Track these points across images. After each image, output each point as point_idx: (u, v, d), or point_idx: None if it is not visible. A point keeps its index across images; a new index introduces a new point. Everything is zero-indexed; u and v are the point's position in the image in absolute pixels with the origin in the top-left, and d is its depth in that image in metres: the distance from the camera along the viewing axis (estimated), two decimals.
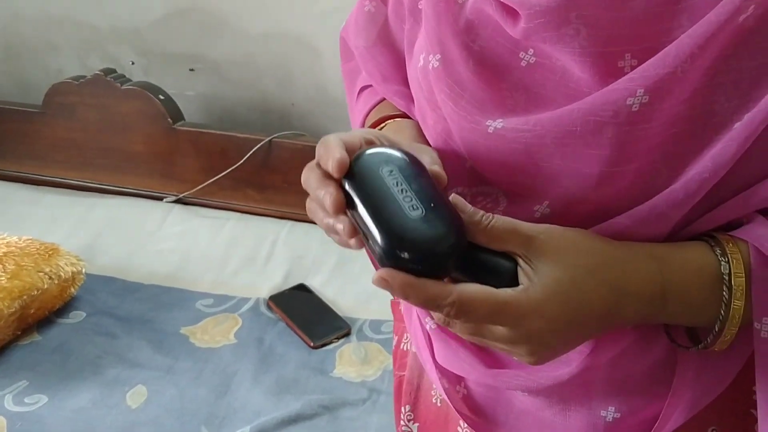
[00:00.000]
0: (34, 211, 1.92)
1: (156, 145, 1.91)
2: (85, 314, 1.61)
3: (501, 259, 0.49)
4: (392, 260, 0.47)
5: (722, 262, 0.49)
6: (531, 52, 0.53)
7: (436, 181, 0.50)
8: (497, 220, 0.49)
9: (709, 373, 0.54)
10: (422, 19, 0.60)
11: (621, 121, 0.49)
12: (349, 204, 0.49)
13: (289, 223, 1.85)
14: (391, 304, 0.82)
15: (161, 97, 1.88)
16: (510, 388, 0.60)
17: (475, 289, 0.47)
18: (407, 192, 0.48)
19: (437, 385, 0.66)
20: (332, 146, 0.50)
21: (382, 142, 0.55)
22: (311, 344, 1.52)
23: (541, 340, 0.49)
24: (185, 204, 1.93)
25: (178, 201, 1.94)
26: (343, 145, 0.50)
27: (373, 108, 0.73)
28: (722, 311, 0.50)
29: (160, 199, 1.94)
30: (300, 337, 1.54)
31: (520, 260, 0.49)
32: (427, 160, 0.52)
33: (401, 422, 0.75)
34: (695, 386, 0.54)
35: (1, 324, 1.46)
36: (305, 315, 1.59)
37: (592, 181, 0.51)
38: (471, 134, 0.55)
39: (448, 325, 0.51)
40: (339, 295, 1.65)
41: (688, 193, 0.49)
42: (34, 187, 2.02)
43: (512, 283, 0.49)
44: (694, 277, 0.50)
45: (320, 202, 0.50)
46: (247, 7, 1.87)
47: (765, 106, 0.48)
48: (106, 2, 1.97)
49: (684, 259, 0.50)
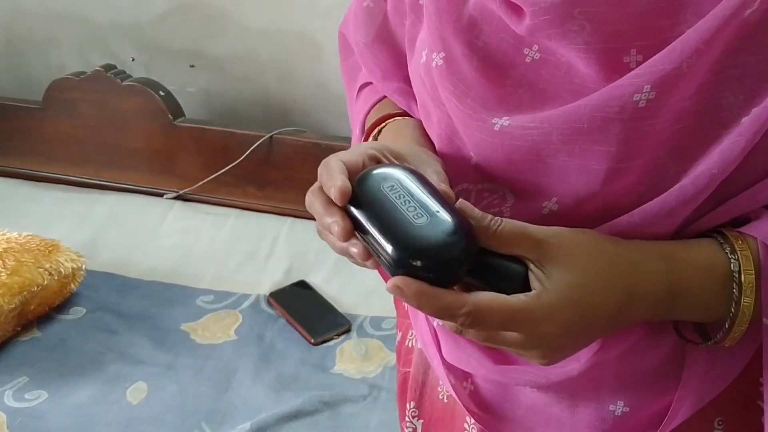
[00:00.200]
0: (35, 207, 1.92)
1: (157, 142, 1.91)
2: (85, 310, 1.61)
3: (511, 264, 0.49)
4: (405, 270, 0.47)
5: (732, 260, 0.49)
6: (535, 48, 0.52)
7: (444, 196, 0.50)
8: (506, 224, 0.48)
9: (718, 366, 0.54)
10: (424, 15, 0.60)
11: (627, 117, 0.49)
12: (357, 226, 0.49)
13: (289, 220, 1.85)
14: (395, 300, 0.82)
15: (162, 93, 1.88)
16: (519, 384, 0.60)
17: (489, 298, 0.47)
18: (411, 203, 0.48)
19: (444, 382, 0.66)
20: (334, 172, 0.50)
21: (385, 155, 0.54)
22: (312, 341, 1.51)
23: (553, 344, 0.49)
24: (186, 200, 1.93)
25: (179, 197, 1.93)
26: (344, 169, 0.50)
27: (373, 107, 0.72)
28: (732, 309, 0.50)
29: (161, 196, 1.94)
30: (300, 334, 1.54)
31: (531, 264, 0.49)
32: (435, 178, 0.52)
33: (406, 418, 0.75)
34: (704, 379, 0.54)
35: (1, 320, 1.46)
36: (306, 311, 1.59)
37: (600, 178, 0.51)
38: (477, 132, 0.55)
39: (461, 333, 0.50)
40: (340, 292, 1.65)
41: (697, 189, 0.49)
42: (35, 183, 2.02)
43: (523, 287, 0.49)
44: (704, 276, 0.50)
45: (328, 229, 0.50)
46: (248, 3, 1.86)
47: None
48: None
49: (693, 258, 0.50)
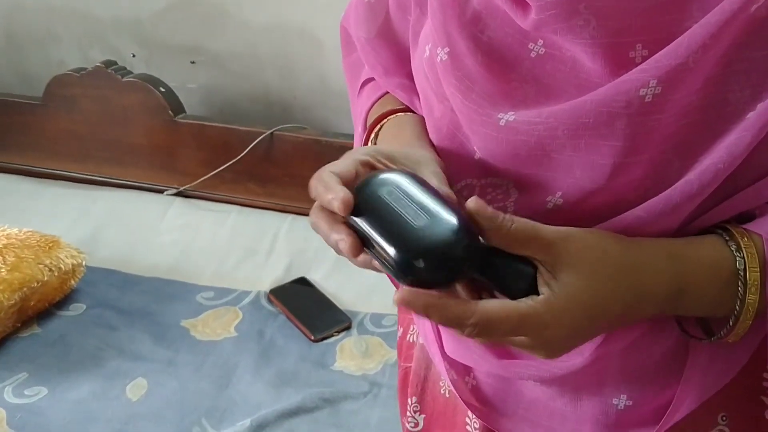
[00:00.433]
0: (35, 203, 1.92)
1: (157, 138, 1.91)
2: (85, 307, 1.61)
3: (520, 264, 0.49)
4: (409, 272, 0.46)
5: (737, 258, 0.49)
6: (540, 43, 0.52)
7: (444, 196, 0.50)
8: (518, 224, 0.48)
9: (721, 360, 0.54)
10: (428, 10, 0.60)
11: (633, 112, 0.49)
12: (360, 237, 0.49)
13: (290, 217, 1.84)
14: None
15: (162, 90, 1.88)
16: (522, 378, 0.60)
17: (497, 308, 0.47)
18: (410, 206, 0.48)
19: (445, 377, 0.65)
20: (331, 185, 0.49)
21: (378, 159, 0.54)
22: (312, 338, 1.51)
23: (560, 344, 0.49)
24: (186, 197, 1.93)
25: (179, 194, 1.93)
26: (339, 181, 0.50)
27: (375, 103, 0.72)
28: (737, 306, 0.50)
29: (161, 192, 1.94)
30: (301, 331, 1.54)
31: (540, 266, 0.49)
32: (434, 180, 0.52)
33: (407, 413, 0.75)
34: (707, 373, 0.54)
35: (1, 316, 1.46)
36: (306, 308, 1.59)
37: (605, 172, 0.51)
38: (482, 127, 0.54)
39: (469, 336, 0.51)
40: (340, 289, 1.65)
41: (702, 184, 0.49)
42: (35, 179, 2.02)
43: (531, 287, 0.49)
44: (710, 274, 0.50)
45: (335, 248, 0.50)
46: None
47: None
48: None
49: (700, 256, 0.50)
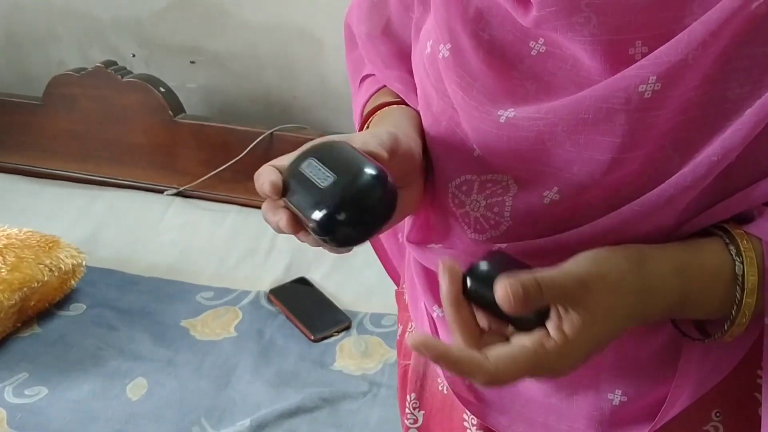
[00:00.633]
0: (35, 203, 1.92)
1: (157, 138, 1.91)
2: (85, 306, 1.61)
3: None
4: (334, 231, 0.48)
5: (737, 263, 0.50)
6: (541, 41, 0.52)
7: (373, 156, 0.51)
8: (545, 287, 0.47)
9: (715, 357, 0.54)
10: (431, 6, 0.60)
11: (633, 108, 0.49)
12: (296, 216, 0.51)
13: None
14: (396, 294, 0.82)
15: (162, 90, 1.88)
16: None
17: (509, 356, 0.47)
18: (322, 171, 0.49)
19: (442, 374, 0.65)
20: (263, 173, 0.52)
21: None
22: (312, 337, 1.51)
23: (569, 370, 0.50)
24: (186, 197, 1.93)
25: (179, 194, 1.93)
26: (273, 169, 0.52)
27: (372, 96, 0.72)
28: (734, 310, 0.50)
29: (161, 192, 1.94)
30: (300, 331, 1.54)
31: (553, 307, 0.49)
32: (358, 143, 0.53)
33: (407, 410, 0.75)
34: (701, 369, 0.54)
35: (2, 316, 1.46)
36: (306, 308, 1.59)
37: (603, 168, 0.51)
38: (482, 124, 0.55)
39: None
40: (340, 289, 1.65)
41: (696, 176, 0.49)
42: (35, 179, 2.02)
43: (540, 317, 0.49)
44: (712, 281, 0.51)
45: (277, 228, 0.52)
46: None
47: None
48: None
49: (702, 265, 0.51)
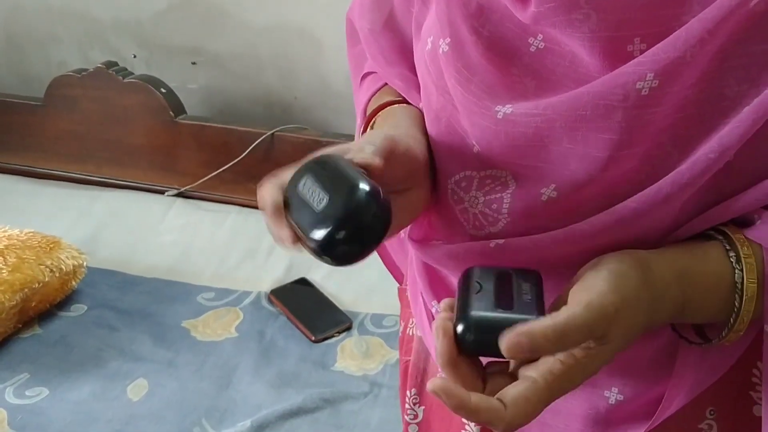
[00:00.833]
0: (36, 203, 1.92)
1: (158, 139, 1.91)
2: (86, 307, 1.61)
3: None
4: (331, 251, 0.48)
5: (737, 270, 0.50)
6: (540, 37, 0.52)
7: (367, 168, 0.51)
8: (551, 330, 0.46)
9: (711, 358, 0.54)
10: (431, 2, 0.60)
11: (630, 105, 0.49)
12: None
13: None
14: (399, 291, 0.82)
15: (163, 90, 1.88)
16: None
17: (522, 396, 0.46)
18: (317, 191, 0.50)
19: (441, 372, 0.65)
20: (265, 190, 0.53)
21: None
22: (312, 338, 1.51)
23: (577, 386, 0.49)
24: (187, 197, 1.93)
25: (180, 194, 1.93)
26: (274, 188, 0.53)
27: (374, 94, 0.72)
28: (732, 317, 0.50)
29: (162, 193, 1.94)
30: (301, 331, 1.54)
31: None
32: (353, 155, 0.52)
33: (407, 405, 0.75)
34: (698, 370, 0.54)
35: (3, 317, 1.46)
36: (306, 309, 1.59)
37: (600, 164, 0.51)
38: (480, 119, 0.55)
39: None
40: (340, 289, 1.65)
41: (693, 174, 0.49)
42: (36, 179, 2.02)
43: None
44: (711, 289, 0.50)
45: (280, 241, 0.52)
46: (248, 0, 1.86)
47: None
48: None
49: (703, 272, 0.50)
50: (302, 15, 1.83)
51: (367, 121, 0.68)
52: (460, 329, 0.47)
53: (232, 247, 1.77)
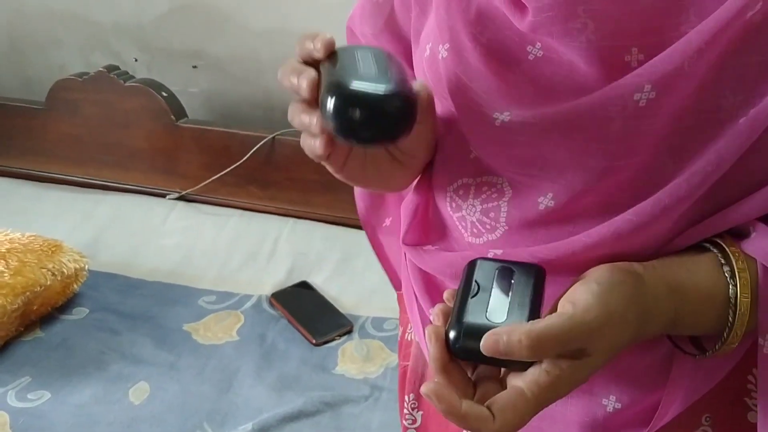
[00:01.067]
0: (38, 207, 1.92)
1: (159, 142, 1.92)
2: (88, 311, 1.61)
3: None
4: (343, 121, 0.48)
5: (730, 285, 0.50)
6: (538, 45, 0.52)
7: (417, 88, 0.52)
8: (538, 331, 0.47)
9: (706, 366, 0.54)
10: (429, 8, 0.60)
11: (628, 116, 0.49)
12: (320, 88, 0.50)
13: (291, 221, 1.85)
14: (398, 295, 0.82)
15: (164, 94, 1.88)
16: None
17: (509, 405, 0.46)
18: (372, 67, 0.50)
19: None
20: (318, 32, 0.52)
21: None
22: (313, 341, 1.52)
23: (564, 395, 0.49)
24: (188, 201, 1.93)
25: (181, 198, 1.94)
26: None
27: None
28: (726, 332, 0.50)
29: (163, 196, 1.94)
30: (302, 334, 1.54)
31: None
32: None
33: (405, 410, 0.75)
34: (693, 377, 0.54)
35: (5, 320, 1.46)
36: (308, 312, 1.59)
37: (597, 175, 0.51)
38: (477, 125, 0.55)
39: None
40: (341, 293, 1.65)
41: (691, 187, 0.49)
42: (38, 183, 2.02)
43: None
44: (704, 303, 0.51)
45: (295, 88, 0.51)
46: (249, 3, 1.86)
47: None
48: None
49: (696, 286, 0.51)
50: (303, 18, 1.83)
51: None
52: (451, 336, 0.48)
53: (234, 250, 1.78)
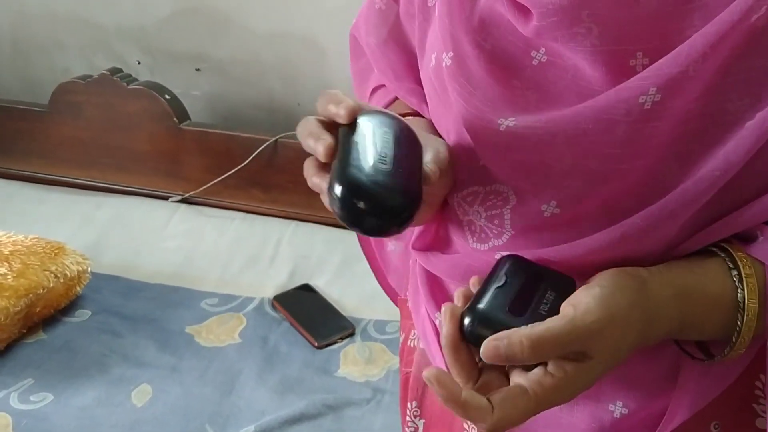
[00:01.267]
0: (41, 209, 1.92)
1: (162, 145, 1.92)
2: (90, 313, 1.61)
3: None
4: (347, 207, 0.48)
5: (738, 290, 0.50)
6: (543, 50, 0.52)
7: (426, 174, 0.51)
8: (542, 334, 0.47)
9: (714, 372, 0.54)
10: (432, 17, 0.60)
11: (633, 119, 0.49)
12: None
13: (293, 223, 1.85)
14: (399, 301, 0.82)
15: (167, 97, 1.89)
16: None
17: (510, 401, 0.46)
18: (387, 149, 0.49)
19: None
20: (343, 97, 0.52)
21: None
22: (315, 344, 1.52)
23: (566, 401, 0.49)
24: (190, 203, 1.94)
25: (184, 200, 1.94)
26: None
27: (386, 108, 0.72)
28: (734, 338, 0.50)
29: (166, 199, 1.95)
30: (304, 337, 1.54)
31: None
32: (430, 153, 0.53)
33: (407, 418, 0.75)
34: (700, 384, 0.54)
35: (7, 322, 1.46)
36: (310, 315, 1.59)
37: (602, 179, 0.51)
38: (482, 132, 0.55)
39: None
40: (343, 295, 1.65)
41: (698, 191, 0.49)
42: (41, 185, 2.03)
43: None
44: (712, 308, 0.51)
45: (311, 151, 0.52)
46: (252, 7, 1.87)
47: None
48: (113, 1, 1.98)
49: (703, 291, 0.50)
50: (306, 22, 1.84)
51: None
52: (465, 320, 0.48)
53: (236, 253, 1.78)
